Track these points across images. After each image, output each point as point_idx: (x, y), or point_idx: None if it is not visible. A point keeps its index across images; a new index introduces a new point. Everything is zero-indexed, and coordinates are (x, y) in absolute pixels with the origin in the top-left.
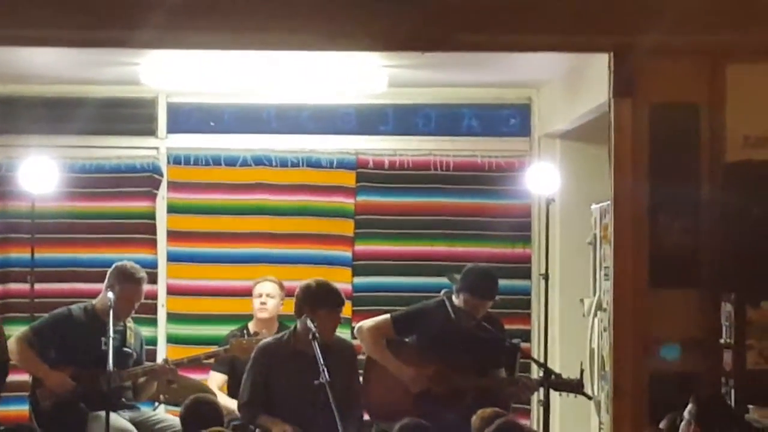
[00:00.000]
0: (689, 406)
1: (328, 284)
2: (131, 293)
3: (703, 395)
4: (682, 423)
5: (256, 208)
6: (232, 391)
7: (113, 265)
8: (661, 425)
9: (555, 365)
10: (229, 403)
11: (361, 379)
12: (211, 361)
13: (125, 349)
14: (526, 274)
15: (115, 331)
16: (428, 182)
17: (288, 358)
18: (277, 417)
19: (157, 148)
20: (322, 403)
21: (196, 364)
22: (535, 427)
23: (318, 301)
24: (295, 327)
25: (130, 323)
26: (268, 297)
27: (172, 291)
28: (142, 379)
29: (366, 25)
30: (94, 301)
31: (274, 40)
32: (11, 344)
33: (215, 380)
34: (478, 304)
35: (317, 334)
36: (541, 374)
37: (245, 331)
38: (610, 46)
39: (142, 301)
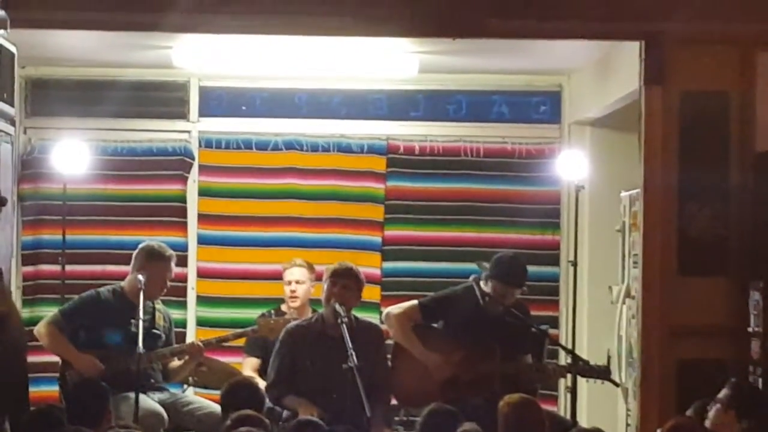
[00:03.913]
0: (724, 392)
1: (341, 262)
2: (161, 271)
3: (738, 382)
4: (714, 409)
5: (286, 192)
6: (264, 374)
7: (138, 247)
8: (688, 412)
9: (582, 352)
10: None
11: (389, 364)
12: (240, 342)
13: (154, 330)
14: (555, 261)
15: (144, 313)
16: (458, 168)
17: (315, 340)
18: (303, 399)
19: (188, 132)
20: (349, 386)
21: (225, 345)
22: (562, 414)
23: (326, 275)
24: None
25: (158, 305)
26: (297, 284)
27: (202, 274)
28: (174, 363)
29: (397, 10)
30: (122, 283)
31: (306, 24)
32: (40, 328)
33: (249, 364)
34: (507, 292)
35: (345, 319)
36: (569, 361)
37: (278, 312)
38: (641, 34)
39: (172, 283)
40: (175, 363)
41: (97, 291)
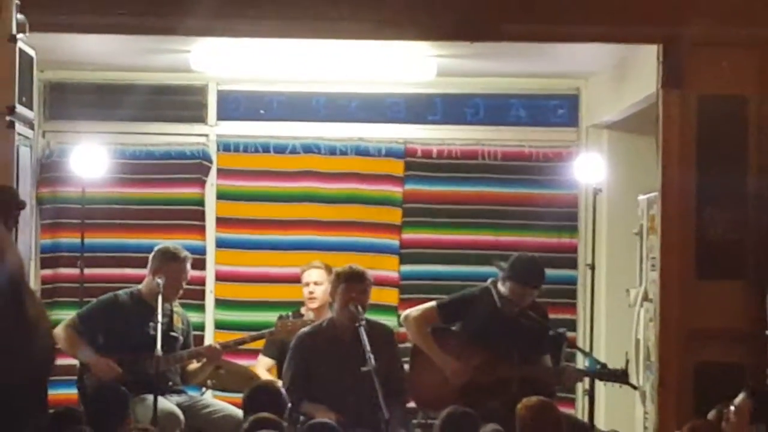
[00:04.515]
0: (741, 398)
1: (351, 265)
2: (177, 273)
3: (756, 388)
4: (731, 414)
5: (304, 196)
6: (281, 376)
7: (154, 249)
8: (709, 416)
9: (600, 355)
10: None
11: (407, 367)
12: (258, 344)
13: (172, 333)
14: (573, 264)
15: (162, 315)
16: (476, 172)
17: (327, 345)
18: (320, 403)
19: (206, 135)
20: (366, 389)
21: (243, 347)
22: (580, 417)
23: (339, 279)
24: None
25: (176, 307)
26: (315, 285)
27: (220, 277)
28: (192, 366)
29: (414, 14)
30: (140, 286)
31: (323, 28)
32: (59, 331)
33: (263, 364)
34: (525, 292)
35: (363, 322)
36: (587, 364)
37: (296, 315)
38: (659, 38)
39: (189, 285)
40: (194, 365)
41: (115, 294)
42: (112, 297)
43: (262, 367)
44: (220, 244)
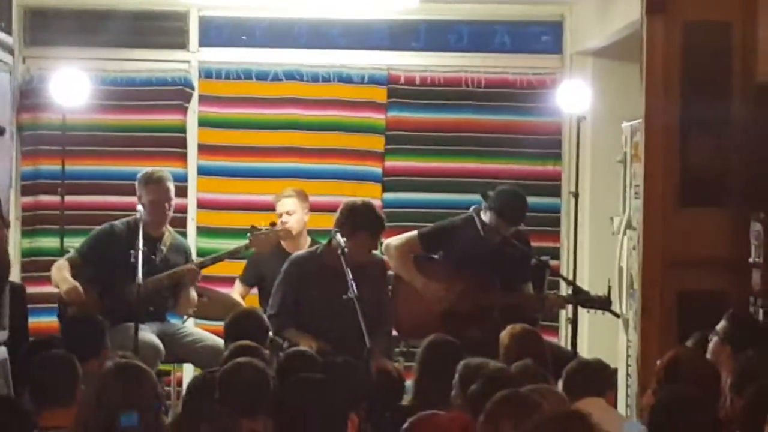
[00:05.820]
0: (721, 324)
1: (374, 209)
2: (158, 193)
3: (735, 314)
4: (713, 341)
5: (286, 123)
6: (262, 303)
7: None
8: (688, 343)
9: (583, 283)
10: None
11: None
12: (237, 271)
13: (152, 256)
14: (556, 192)
15: (150, 242)
16: (459, 99)
17: (319, 272)
18: (305, 330)
19: (188, 62)
20: (351, 317)
21: (225, 276)
22: (563, 345)
23: (361, 221)
24: (330, 241)
25: (171, 232)
26: (288, 215)
27: (202, 205)
28: (185, 292)
29: None
30: (136, 215)
31: None
32: (57, 264)
33: (237, 290)
34: (504, 228)
35: (346, 250)
36: (570, 292)
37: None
38: None
39: (174, 211)
40: (180, 289)
41: (111, 224)
42: (108, 227)
43: (237, 293)
44: (202, 171)
